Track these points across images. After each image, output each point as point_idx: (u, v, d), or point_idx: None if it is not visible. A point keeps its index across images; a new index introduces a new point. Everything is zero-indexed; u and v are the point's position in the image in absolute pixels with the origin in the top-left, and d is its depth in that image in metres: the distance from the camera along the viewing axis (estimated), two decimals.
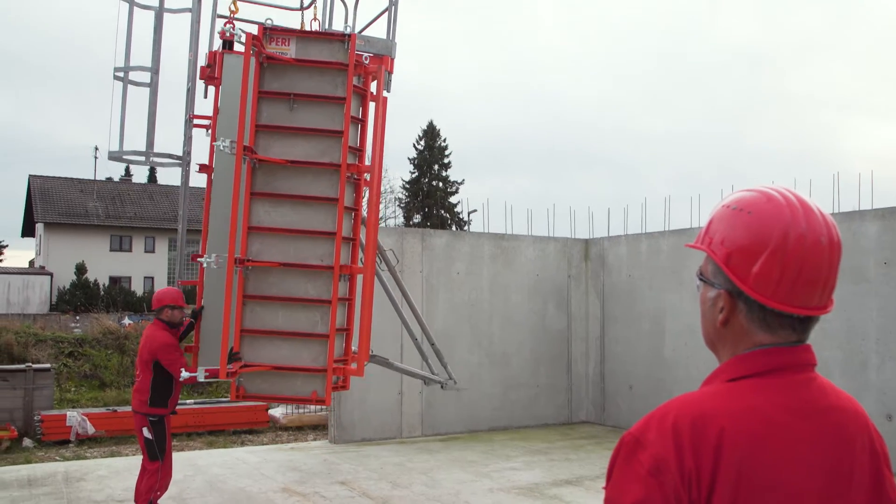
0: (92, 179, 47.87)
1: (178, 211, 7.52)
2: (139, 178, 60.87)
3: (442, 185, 50.52)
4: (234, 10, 7.33)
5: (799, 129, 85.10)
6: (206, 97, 7.29)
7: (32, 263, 50.03)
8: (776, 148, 75.71)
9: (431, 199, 49.64)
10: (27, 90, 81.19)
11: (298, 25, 7.31)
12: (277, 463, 9.94)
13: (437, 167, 50.77)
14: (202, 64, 7.27)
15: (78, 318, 28.26)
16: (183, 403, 13.48)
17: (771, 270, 1.38)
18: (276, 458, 10.28)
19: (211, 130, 7.07)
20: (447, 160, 51.04)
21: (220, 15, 7.56)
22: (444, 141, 51.04)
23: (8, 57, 78.10)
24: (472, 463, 9.94)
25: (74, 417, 12.75)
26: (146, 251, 45.85)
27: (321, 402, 6.32)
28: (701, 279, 1.52)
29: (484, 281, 12.50)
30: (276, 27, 6.37)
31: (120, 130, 7.37)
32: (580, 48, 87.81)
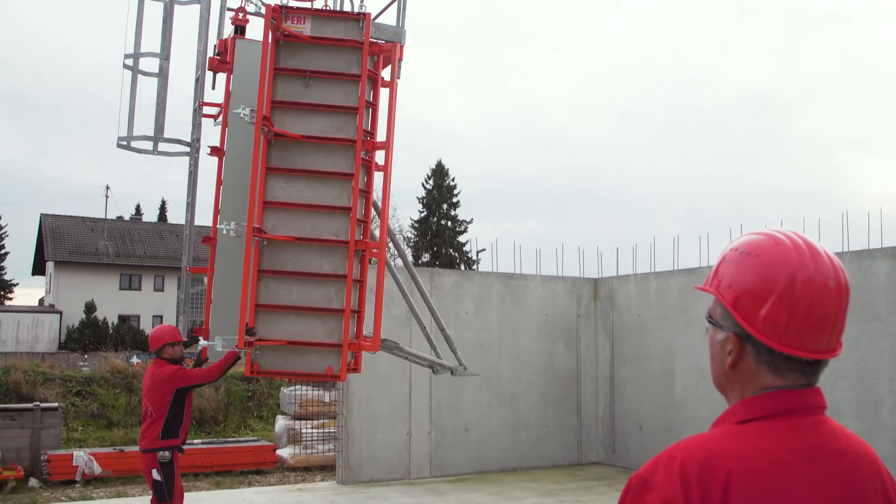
0: (102, 218, 48.14)
1: (186, 199, 7.50)
2: (149, 216, 61.45)
3: (451, 224, 50.60)
4: None
5: (808, 168, 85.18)
6: (213, 88, 7.32)
7: (42, 301, 50.18)
8: (785, 187, 75.69)
9: (440, 238, 49.69)
10: (40, 131, 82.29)
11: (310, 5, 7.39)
12: None
13: (445, 206, 50.89)
14: (211, 55, 7.32)
15: (86, 356, 28.26)
16: (190, 443, 13.40)
17: (779, 314, 1.39)
18: (283, 499, 10.18)
19: (222, 118, 7.09)
20: (456, 199, 51.20)
21: (229, 8, 7.67)
22: (452, 180, 51.23)
23: (24, 99, 79.34)
24: None
25: (81, 457, 12.67)
26: (155, 290, 45.93)
27: (336, 377, 6.24)
28: (710, 322, 1.53)
29: (493, 320, 12.47)
30: (290, 6, 6.45)
31: (129, 118, 7.46)
32: (590, 91, 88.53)
